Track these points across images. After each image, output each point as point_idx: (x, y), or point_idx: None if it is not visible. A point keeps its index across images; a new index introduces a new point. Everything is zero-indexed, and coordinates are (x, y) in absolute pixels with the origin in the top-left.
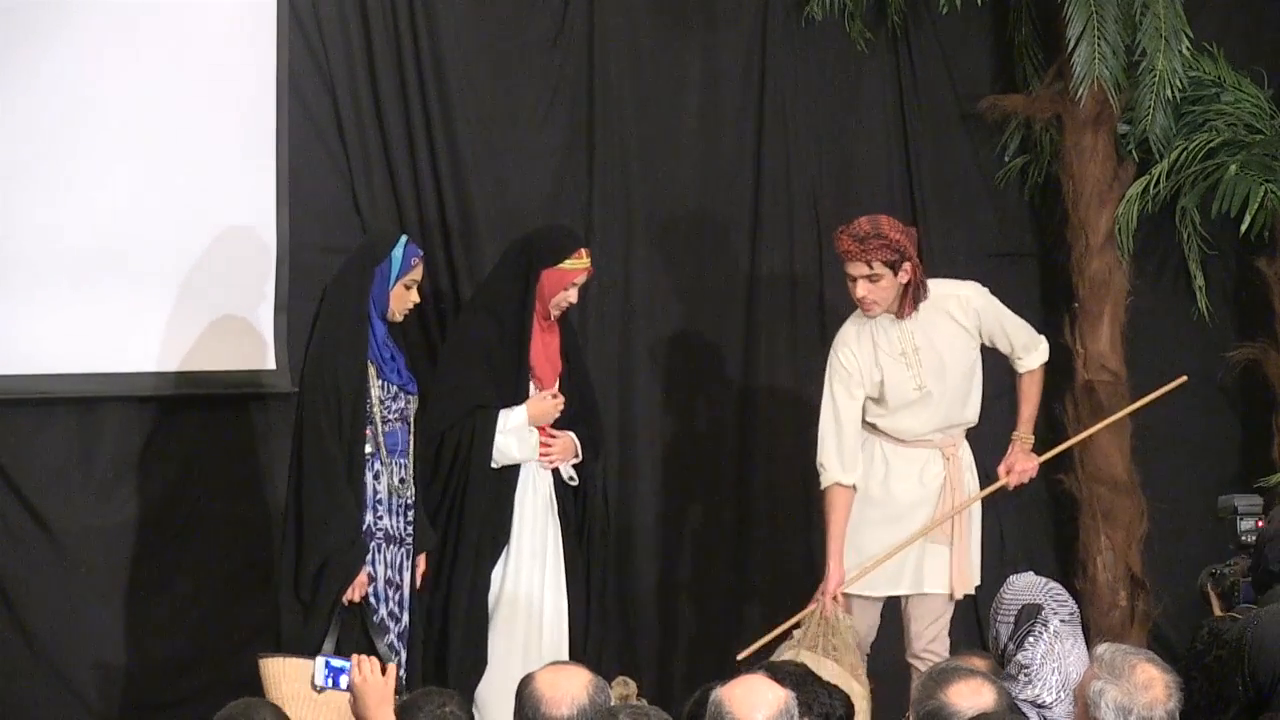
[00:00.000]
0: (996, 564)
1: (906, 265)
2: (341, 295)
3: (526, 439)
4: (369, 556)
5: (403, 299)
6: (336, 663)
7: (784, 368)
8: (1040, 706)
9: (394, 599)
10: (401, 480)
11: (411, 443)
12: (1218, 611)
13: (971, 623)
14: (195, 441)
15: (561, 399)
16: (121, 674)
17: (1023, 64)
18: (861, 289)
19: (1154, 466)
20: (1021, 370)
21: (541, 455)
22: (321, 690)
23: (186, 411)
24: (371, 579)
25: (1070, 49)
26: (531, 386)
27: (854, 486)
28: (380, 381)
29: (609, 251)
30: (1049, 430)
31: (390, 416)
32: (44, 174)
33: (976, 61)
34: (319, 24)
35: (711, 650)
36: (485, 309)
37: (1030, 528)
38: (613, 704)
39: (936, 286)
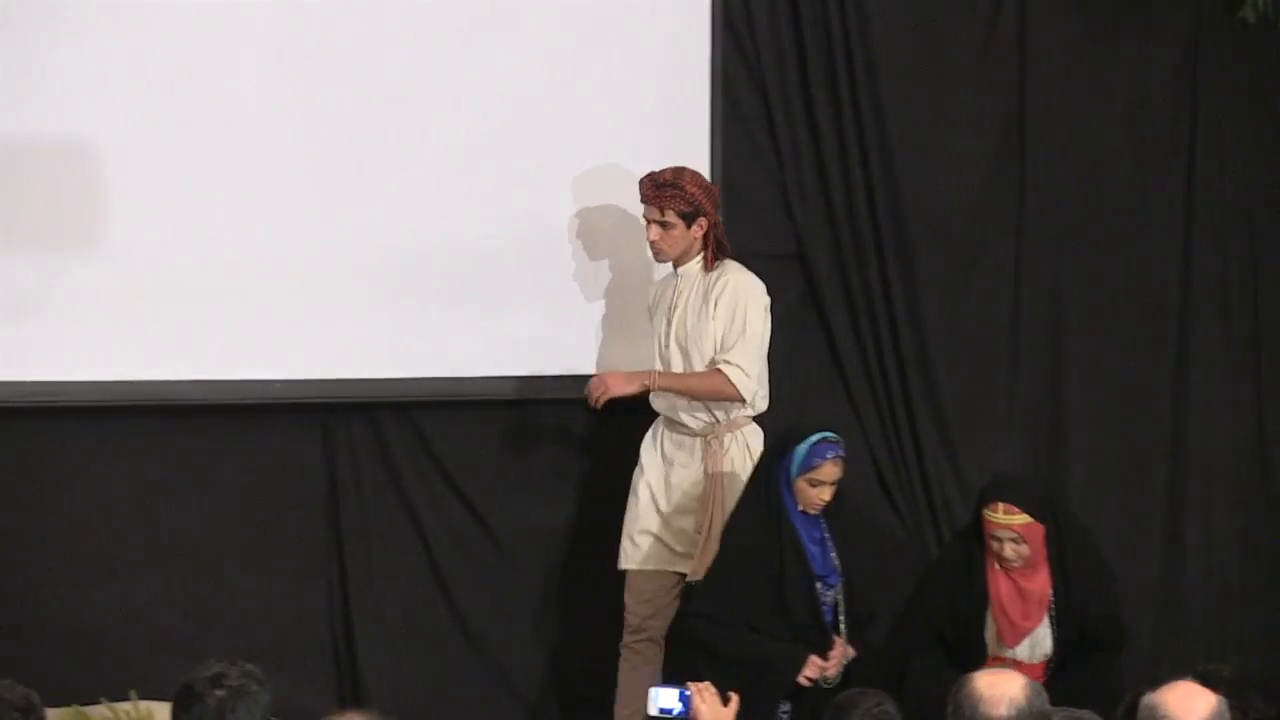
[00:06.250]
0: None
1: (701, 220)
2: (752, 480)
3: None
4: None
5: (807, 494)
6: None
7: (1218, 366)
8: None
9: None
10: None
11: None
12: None
13: None
14: (626, 444)
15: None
16: (560, 674)
17: None
18: (653, 233)
19: None
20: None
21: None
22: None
23: (608, 413)
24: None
25: None
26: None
27: None
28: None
29: (1039, 257)
30: None
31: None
32: (488, 177)
33: None
34: (751, 28)
35: None
36: None
37: None
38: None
39: (732, 265)
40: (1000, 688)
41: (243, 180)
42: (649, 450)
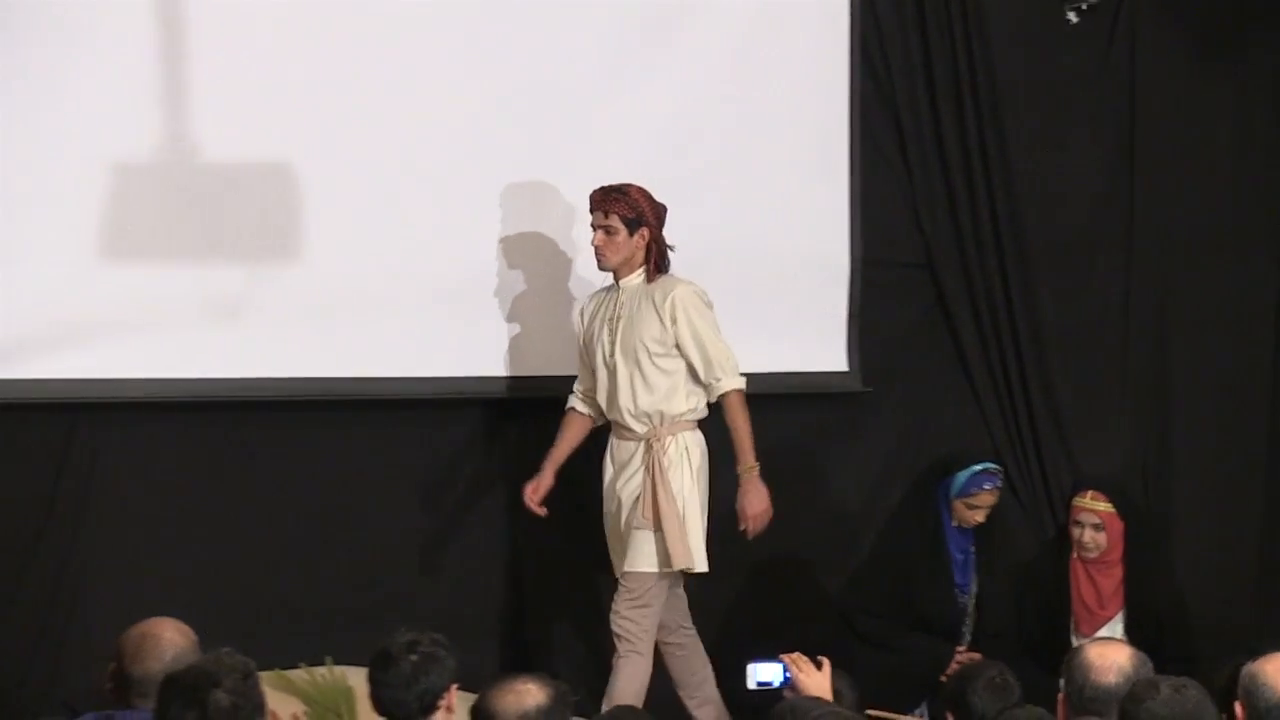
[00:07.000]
0: None
1: (644, 230)
2: (912, 492)
3: None
4: None
5: (962, 514)
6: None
7: None
8: None
9: None
10: None
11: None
12: None
13: None
14: (775, 437)
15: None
16: (710, 645)
17: None
18: (597, 238)
19: None
20: (714, 395)
21: None
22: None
23: (763, 408)
24: None
25: None
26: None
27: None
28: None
29: (1147, 269)
30: None
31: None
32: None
33: None
34: (885, 57)
35: None
36: None
37: None
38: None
39: (671, 277)
40: (1109, 657)
41: (422, 195)
42: (607, 462)
